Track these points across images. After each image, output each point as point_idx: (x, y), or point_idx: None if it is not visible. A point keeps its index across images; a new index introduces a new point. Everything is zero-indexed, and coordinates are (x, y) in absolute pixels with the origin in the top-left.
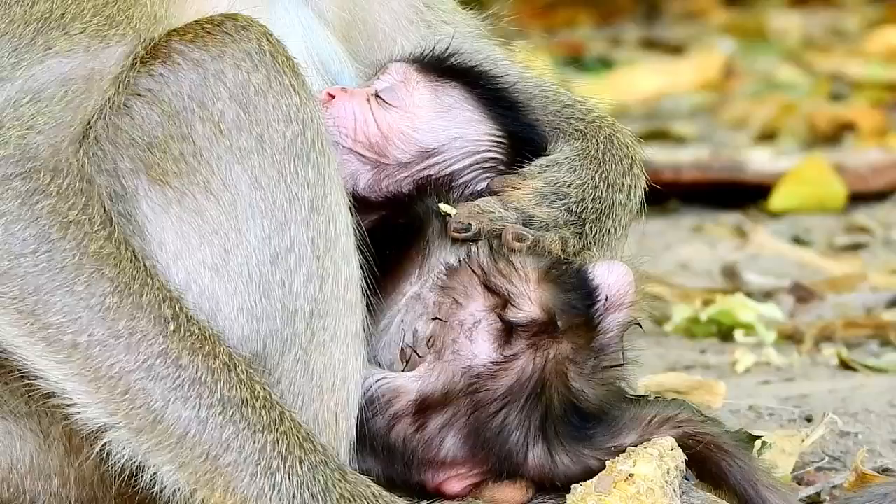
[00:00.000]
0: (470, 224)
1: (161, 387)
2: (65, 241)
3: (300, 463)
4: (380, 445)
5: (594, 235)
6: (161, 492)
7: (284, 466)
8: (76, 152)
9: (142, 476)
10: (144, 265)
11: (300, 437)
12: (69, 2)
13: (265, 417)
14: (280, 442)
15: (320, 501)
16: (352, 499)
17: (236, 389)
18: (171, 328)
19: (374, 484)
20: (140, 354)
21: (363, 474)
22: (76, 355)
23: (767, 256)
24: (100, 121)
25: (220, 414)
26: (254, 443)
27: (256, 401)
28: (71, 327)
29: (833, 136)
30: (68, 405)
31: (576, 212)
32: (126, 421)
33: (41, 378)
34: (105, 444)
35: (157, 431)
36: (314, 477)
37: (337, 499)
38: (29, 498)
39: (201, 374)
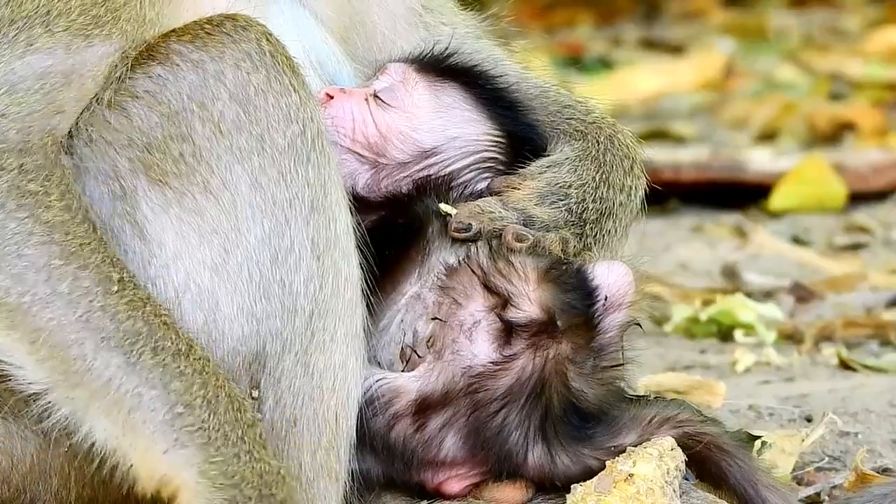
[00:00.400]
0: (470, 224)
1: (95, 337)
2: (19, 210)
3: (225, 412)
4: (380, 445)
5: (594, 236)
6: (97, 454)
7: (207, 406)
8: (44, 138)
9: (78, 436)
10: (100, 238)
11: (236, 397)
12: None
13: (198, 366)
14: (208, 386)
15: (231, 446)
16: (260, 460)
17: (172, 342)
18: (115, 288)
19: (287, 476)
20: (79, 309)
21: (363, 474)
22: (20, 315)
23: (767, 256)
24: (97, 121)
25: (151, 358)
26: (181, 381)
27: (192, 354)
28: (16, 288)
29: (833, 135)
30: (14, 371)
31: (576, 212)
32: (62, 377)
33: None
34: (46, 405)
35: (87, 381)
36: (234, 428)
37: (248, 451)
38: (30, 497)
39: (138, 327)
